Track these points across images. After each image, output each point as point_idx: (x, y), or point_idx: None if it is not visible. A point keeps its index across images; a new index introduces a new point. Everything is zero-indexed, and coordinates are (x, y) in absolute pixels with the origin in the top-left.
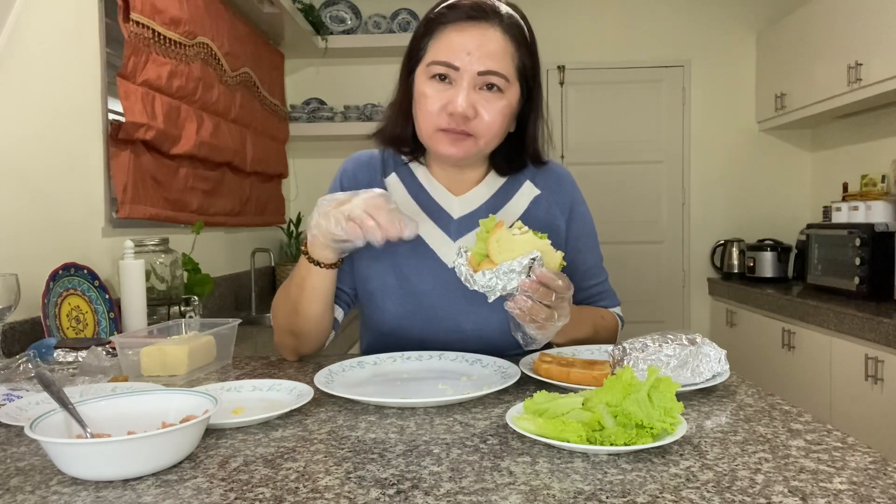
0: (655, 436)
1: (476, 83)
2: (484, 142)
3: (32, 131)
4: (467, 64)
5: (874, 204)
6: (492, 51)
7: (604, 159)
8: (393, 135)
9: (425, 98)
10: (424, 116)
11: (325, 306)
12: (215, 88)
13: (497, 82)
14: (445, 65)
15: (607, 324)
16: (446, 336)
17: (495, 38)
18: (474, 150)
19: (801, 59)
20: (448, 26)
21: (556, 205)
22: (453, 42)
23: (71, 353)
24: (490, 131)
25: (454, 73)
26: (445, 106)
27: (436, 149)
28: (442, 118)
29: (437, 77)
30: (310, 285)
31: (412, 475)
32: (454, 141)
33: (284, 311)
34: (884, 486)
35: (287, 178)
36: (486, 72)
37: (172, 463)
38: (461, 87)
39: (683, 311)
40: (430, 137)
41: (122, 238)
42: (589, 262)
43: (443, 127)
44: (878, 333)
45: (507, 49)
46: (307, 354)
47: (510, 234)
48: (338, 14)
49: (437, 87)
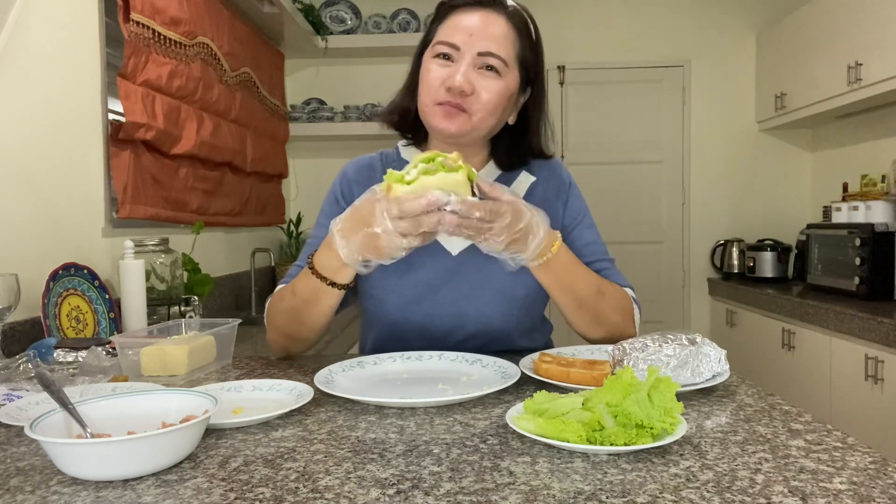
0: (655, 436)
1: (475, 63)
2: (478, 118)
3: (32, 131)
4: (468, 44)
5: (874, 204)
6: (493, 34)
7: (604, 159)
8: (399, 109)
9: (427, 73)
10: (425, 90)
11: (330, 318)
12: (215, 88)
13: (495, 64)
14: (448, 45)
15: (616, 291)
16: (449, 322)
17: (498, 22)
18: (468, 126)
19: (801, 59)
20: (455, 10)
21: (552, 189)
22: (458, 24)
23: (71, 353)
24: (485, 109)
25: (455, 52)
26: (444, 81)
27: (431, 122)
28: (440, 92)
29: (440, 56)
30: (324, 303)
31: (412, 475)
32: (448, 115)
33: (285, 318)
34: (884, 486)
35: (287, 178)
36: (486, 53)
37: (172, 463)
38: (461, 64)
39: (683, 311)
40: (428, 109)
41: (122, 238)
42: (586, 238)
43: (440, 101)
44: (878, 333)
45: (508, 35)
46: (297, 353)
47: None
48: (338, 14)
49: (440, 64)
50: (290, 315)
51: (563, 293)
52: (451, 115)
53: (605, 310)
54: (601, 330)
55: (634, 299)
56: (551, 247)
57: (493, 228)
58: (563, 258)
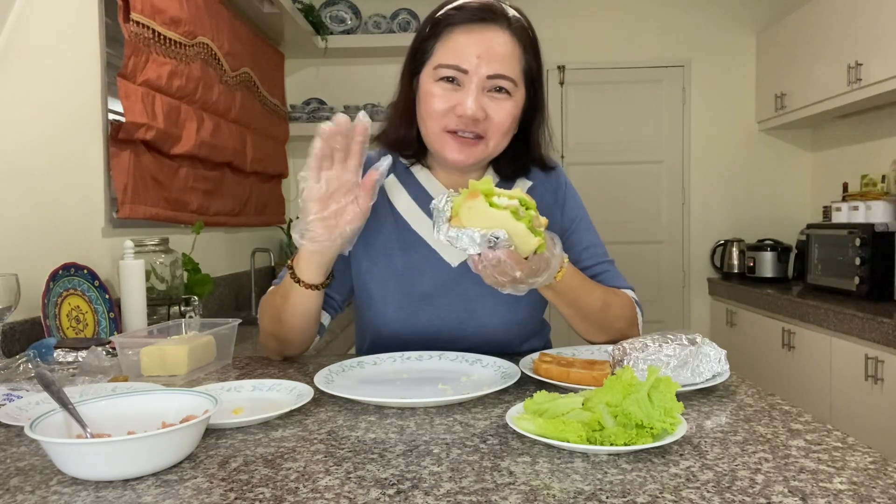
0: (655, 436)
1: (485, 86)
2: (493, 143)
3: (32, 132)
4: (476, 67)
5: (874, 204)
6: (500, 54)
7: (604, 159)
8: (396, 137)
9: (432, 97)
10: (431, 116)
11: (309, 321)
12: (215, 88)
13: (506, 85)
14: (454, 68)
15: (620, 300)
16: (449, 334)
17: (504, 41)
18: (483, 155)
19: (801, 59)
20: (455, 28)
21: (550, 192)
22: (461, 44)
23: (71, 353)
24: (499, 132)
25: (463, 76)
26: (454, 108)
27: (442, 153)
28: (450, 119)
29: (444, 79)
30: (292, 302)
31: (412, 475)
32: (462, 147)
33: (269, 316)
34: (884, 486)
35: (287, 178)
36: (495, 75)
37: (172, 463)
38: (470, 89)
39: (683, 311)
40: (437, 138)
41: (122, 238)
42: (585, 241)
43: (451, 129)
44: (878, 333)
45: (514, 52)
46: (292, 356)
47: (485, 205)
48: (338, 14)
49: (445, 88)
50: (272, 312)
51: (569, 308)
52: (464, 148)
53: (610, 319)
54: (605, 336)
55: (636, 301)
56: (559, 271)
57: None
58: (569, 280)
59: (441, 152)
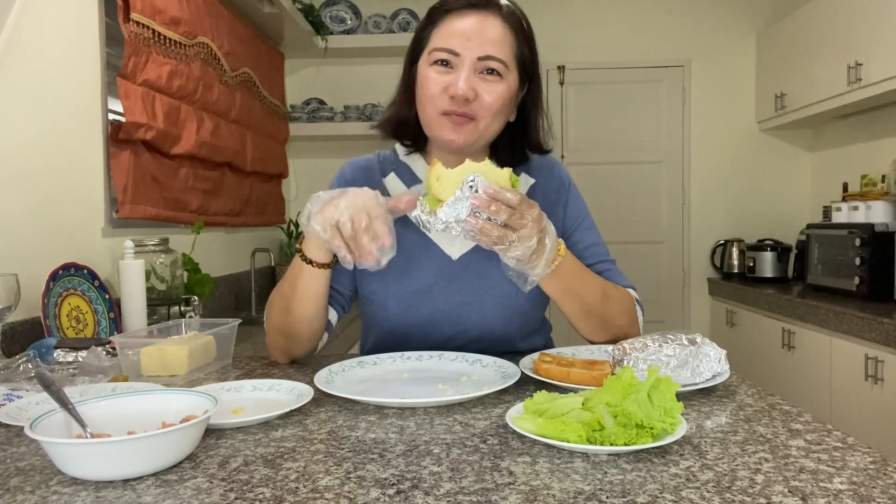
0: (655, 436)
1: (476, 68)
2: (484, 124)
3: (32, 132)
4: (467, 49)
5: (874, 204)
6: (491, 37)
7: (604, 159)
8: (397, 119)
9: (427, 81)
10: (427, 99)
11: (318, 307)
12: (215, 88)
13: (496, 67)
14: (447, 51)
15: (619, 294)
16: (450, 327)
17: (495, 25)
18: (475, 135)
19: (801, 59)
20: (449, 14)
21: (552, 190)
22: (454, 29)
23: (71, 353)
24: (490, 113)
25: (455, 58)
26: (447, 88)
27: (438, 134)
28: (444, 100)
29: (438, 62)
30: (301, 284)
31: (412, 475)
32: (456, 127)
33: (277, 309)
34: (884, 486)
35: (287, 178)
36: (486, 57)
37: (172, 463)
38: (462, 70)
39: (683, 311)
40: (433, 121)
41: (122, 238)
42: (587, 240)
43: (445, 110)
44: (878, 333)
45: (505, 37)
46: (298, 358)
47: (444, 169)
48: (338, 14)
49: (439, 71)
50: (280, 304)
51: (571, 301)
52: (458, 127)
53: (611, 314)
54: (607, 334)
55: (637, 300)
56: (558, 254)
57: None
58: (568, 264)
59: (438, 135)
